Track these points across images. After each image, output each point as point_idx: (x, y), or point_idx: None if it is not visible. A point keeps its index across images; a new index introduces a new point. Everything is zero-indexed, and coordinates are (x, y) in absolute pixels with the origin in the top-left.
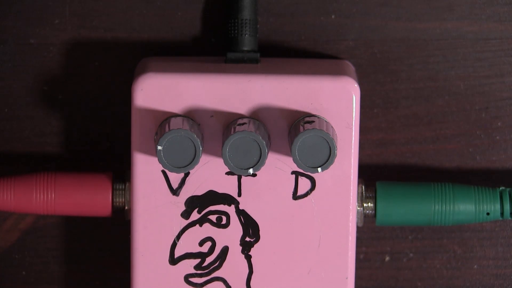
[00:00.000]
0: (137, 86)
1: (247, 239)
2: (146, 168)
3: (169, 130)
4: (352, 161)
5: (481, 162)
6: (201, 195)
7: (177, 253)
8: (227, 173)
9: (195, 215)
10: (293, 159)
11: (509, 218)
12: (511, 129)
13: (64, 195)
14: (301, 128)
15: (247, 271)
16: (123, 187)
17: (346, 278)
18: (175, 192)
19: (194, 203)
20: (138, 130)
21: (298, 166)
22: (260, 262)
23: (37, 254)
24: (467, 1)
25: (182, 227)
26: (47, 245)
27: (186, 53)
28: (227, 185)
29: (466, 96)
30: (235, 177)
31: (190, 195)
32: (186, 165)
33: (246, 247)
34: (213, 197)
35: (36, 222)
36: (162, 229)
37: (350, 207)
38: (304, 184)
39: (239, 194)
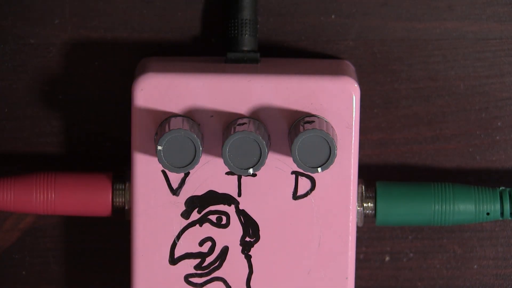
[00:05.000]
0: (137, 86)
1: (247, 239)
2: (146, 168)
3: (169, 130)
4: (352, 161)
5: (481, 162)
6: (201, 195)
7: (177, 253)
8: (227, 173)
9: (195, 215)
10: (293, 159)
11: (509, 218)
12: (511, 129)
13: (64, 195)
14: (301, 128)
15: (247, 271)
16: (123, 187)
17: (346, 278)
18: (175, 192)
19: (194, 203)
20: (138, 130)
21: (298, 166)
22: (260, 262)
23: (37, 254)
24: (467, 1)
25: (182, 227)
26: (47, 245)
27: (186, 53)
28: (227, 185)
29: (466, 96)
30: (235, 177)
31: (190, 195)
32: (186, 165)
33: (246, 247)
34: (213, 197)
35: (36, 222)
36: (162, 229)
37: (350, 207)
38: (304, 184)
39: (239, 194)
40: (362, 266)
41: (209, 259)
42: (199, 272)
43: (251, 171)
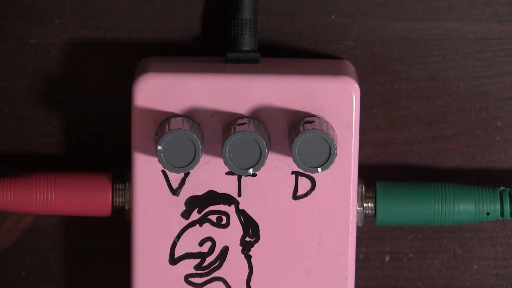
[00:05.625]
0: (137, 86)
1: (247, 239)
2: (146, 168)
3: (169, 130)
4: (352, 161)
5: (481, 162)
6: (201, 195)
7: (177, 253)
8: (227, 173)
9: (195, 215)
10: (293, 159)
11: (509, 218)
12: (511, 129)
13: (64, 195)
14: (301, 128)
15: (247, 271)
16: (123, 187)
17: (346, 278)
18: (175, 192)
19: (194, 203)
20: (138, 130)
21: (298, 166)
22: (260, 262)
23: (37, 254)
24: (467, 1)
25: (182, 227)
26: (47, 245)
27: (186, 53)
28: (227, 185)
29: (466, 96)
30: (235, 177)
31: (190, 195)
32: (186, 165)
33: (246, 247)
34: (213, 197)
35: (36, 222)
36: (162, 229)
37: (350, 207)
38: (304, 184)
39: (239, 194)
40: (362, 266)
41: (209, 259)
42: (199, 272)
43: (251, 171)
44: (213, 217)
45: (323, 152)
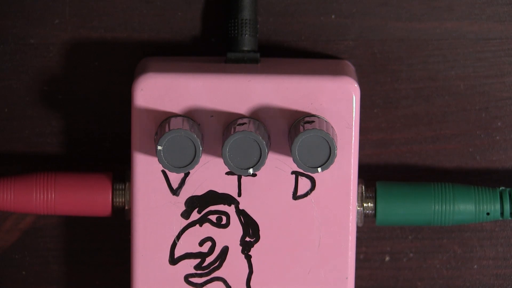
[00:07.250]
0: (137, 86)
1: (247, 239)
2: (146, 168)
3: (169, 130)
4: (352, 161)
5: (481, 162)
6: (201, 195)
7: (177, 253)
8: (227, 173)
9: (195, 215)
10: (293, 159)
11: (509, 218)
12: (511, 129)
13: (64, 195)
14: (301, 128)
15: (247, 271)
16: (123, 187)
17: (346, 278)
18: (175, 192)
19: (194, 203)
20: (138, 130)
21: (298, 166)
22: (260, 262)
23: (37, 254)
24: (467, 1)
25: (182, 227)
26: (47, 245)
27: (186, 53)
28: (227, 185)
29: (466, 96)
30: (235, 177)
31: (190, 195)
32: (186, 165)
33: (246, 247)
34: (213, 197)
35: (36, 222)
36: (162, 229)
37: (350, 207)
38: (304, 184)
39: (239, 194)
40: (362, 266)
41: (209, 259)
42: (199, 272)
43: (251, 171)
44: (213, 217)
45: (323, 152)
